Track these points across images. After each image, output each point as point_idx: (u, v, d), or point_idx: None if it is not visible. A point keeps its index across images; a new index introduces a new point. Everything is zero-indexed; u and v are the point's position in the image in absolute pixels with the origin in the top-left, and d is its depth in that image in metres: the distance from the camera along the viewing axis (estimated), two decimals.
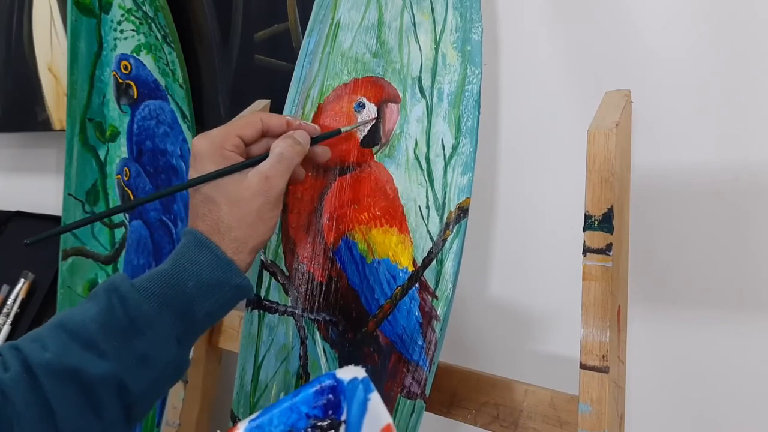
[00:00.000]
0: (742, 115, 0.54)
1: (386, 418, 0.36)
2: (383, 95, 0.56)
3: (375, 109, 0.56)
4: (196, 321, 0.46)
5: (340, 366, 0.55)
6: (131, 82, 0.82)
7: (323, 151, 0.55)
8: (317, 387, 0.37)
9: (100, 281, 0.88)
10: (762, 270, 0.54)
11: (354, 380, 0.37)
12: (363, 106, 0.57)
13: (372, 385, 0.37)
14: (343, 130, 0.56)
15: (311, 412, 0.37)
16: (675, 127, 0.56)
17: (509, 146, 0.65)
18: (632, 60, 0.58)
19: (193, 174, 0.49)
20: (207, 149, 0.48)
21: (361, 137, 0.57)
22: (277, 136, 0.52)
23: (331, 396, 0.37)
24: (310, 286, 0.58)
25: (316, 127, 0.54)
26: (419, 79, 0.54)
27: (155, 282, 0.45)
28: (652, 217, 0.58)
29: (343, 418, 0.37)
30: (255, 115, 0.52)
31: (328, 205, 0.57)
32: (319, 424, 0.37)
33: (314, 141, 0.53)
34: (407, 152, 0.54)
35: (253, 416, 0.37)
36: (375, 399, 0.36)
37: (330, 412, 0.37)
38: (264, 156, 0.50)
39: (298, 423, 0.37)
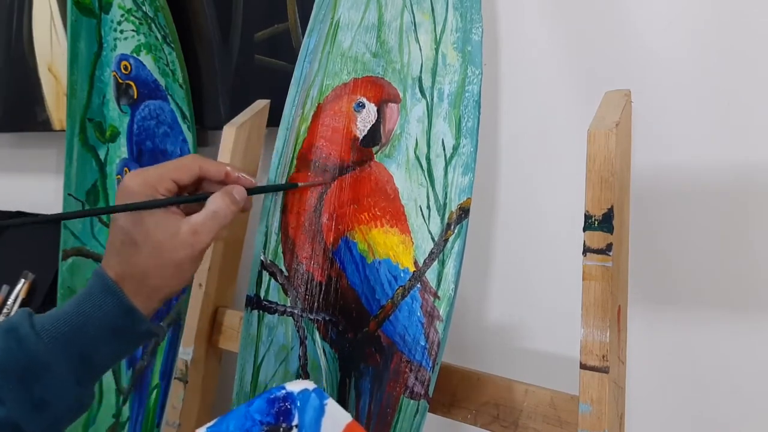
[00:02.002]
0: (743, 115, 0.54)
1: (347, 417, 0.40)
2: (383, 95, 0.56)
3: (375, 109, 0.56)
4: (98, 365, 0.46)
5: (341, 366, 0.56)
6: (131, 82, 0.82)
7: (248, 202, 0.54)
8: (269, 397, 0.42)
9: None
10: (762, 270, 0.54)
11: (304, 391, 0.42)
12: (363, 105, 0.57)
13: (325, 394, 0.41)
14: (299, 185, 0.57)
15: (264, 419, 0.41)
16: (675, 127, 0.56)
17: (509, 146, 0.65)
18: (632, 60, 0.58)
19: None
20: (139, 188, 0.47)
21: (361, 137, 0.57)
22: (213, 182, 0.51)
23: (281, 405, 0.41)
24: (309, 286, 0.58)
25: (253, 180, 0.53)
26: (419, 79, 0.54)
27: (56, 324, 0.44)
28: (652, 217, 0.58)
29: (294, 423, 0.41)
30: (193, 160, 0.50)
31: (327, 205, 0.57)
32: (270, 429, 0.41)
33: (251, 192, 0.53)
34: (407, 152, 0.54)
35: (211, 423, 0.41)
36: (331, 403, 0.41)
37: (281, 418, 0.41)
38: (197, 197, 0.49)
39: (252, 428, 0.41)
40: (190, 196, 0.50)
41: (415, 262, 0.52)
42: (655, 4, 0.56)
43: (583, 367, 0.44)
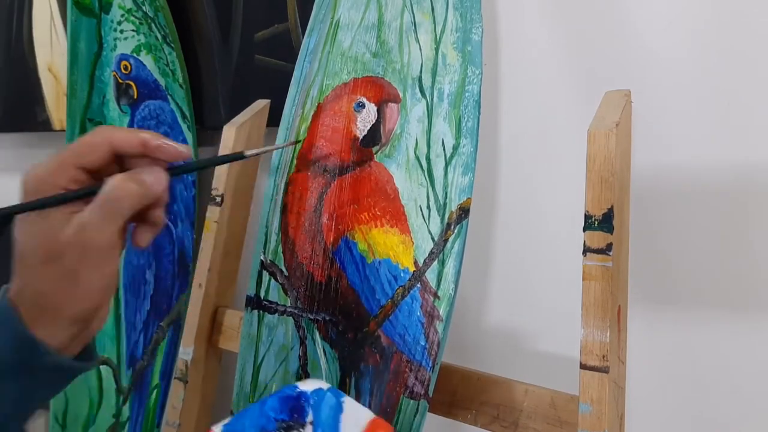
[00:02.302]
0: (743, 115, 0.54)
1: (368, 414, 0.41)
2: (383, 95, 0.56)
3: (375, 109, 0.56)
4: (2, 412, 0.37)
5: (341, 366, 0.56)
6: (131, 82, 0.82)
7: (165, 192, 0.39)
8: (281, 396, 0.43)
9: None
10: (762, 270, 0.54)
11: (318, 390, 0.43)
12: (363, 105, 0.57)
13: (341, 392, 0.43)
14: (246, 153, 0.44)
15: (278, 416, 0.43)
16: (675, 127, 0.56)
17: (509, 146, 0.65)
18: (632, 60, 0.58)
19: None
20: (34, 185, 0.37)
21: (361, 137, 0.57)
22: (137, 159, 0.39)
23: (295, 403, 0.43)
24: (309, 286, 0.58)
25: (182, 149, 0.39)
26: (419, 79, 0.54)
27: None
28: (652, 217, 0.58)
29: (309, 420, 0.42)
30: (101, 134, 0.38)
31: (327, 204, 0.57)
32: (285, 425, 0.43)
33: (174, 172, 0.40)
34: (407, 152, 0.54)
35: (226, 421, 0.42)
36: (349, 401, 0.42)
37: (295, 415, 0.43)
38: (94, 188, 0.37)
39: (267, 425, 0.43)
40: (77, 191, 0.37)
41: (415, 262, 0.52)
42: (655, 4, 0.56)
43: (583, 367, 0.44)
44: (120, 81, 0.83)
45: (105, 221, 0.36)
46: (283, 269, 0.59)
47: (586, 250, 0.45)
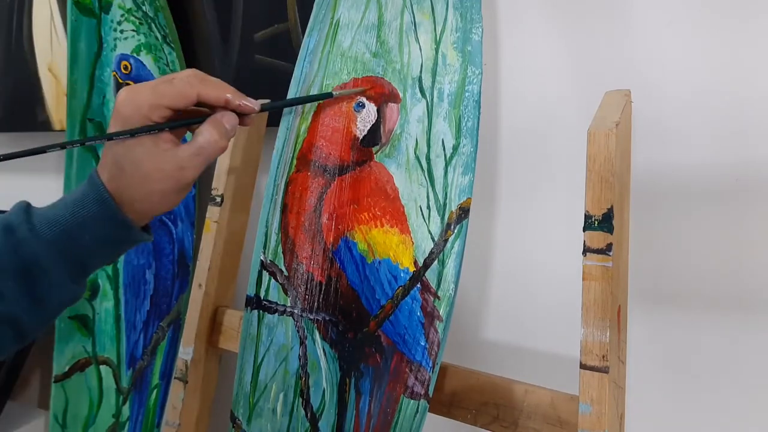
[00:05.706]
0: (742, 115, 0.54)
1: None
2: (383, 95, 0.56)
3: (375, 109, 0.56)
4: (91, 267, 0.48)
5: (341, 366, 0.55)
6: (131, 83, 0.82)
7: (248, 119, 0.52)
8: None
9: (99, 281, 0.88)
10: (761, 270, 0.54)
11: None
12: (363, 105, 0.57)
13: None
14: (334, 93, 0.55)
15: None
16: (675, 127, 0.56)
17: (509, 146, 0.65)
18: (632, 60, 0.58)
19: (112, 129, 0.47)
20: (131, 114, 0.46)
21: (361, 137, 0.57)
22: (212, 107, 0.49)
23: None
24: (309, 286, 0.58)
25: (256, 107, 0.51)
26: (419, 79, 0.54)
27: (53, 228, 0.45)
28: (652, 217, 0.58)
29: None
30: (191, 87, 0.47)
31: (327, 204, 0.57)
32: None
33: (264, 109, 0.52)
34: (407, 152, 0.54)
35: None
36: None
37: None
38: (187, 122, 0.48)
39: None
40: (180, 121, 0.48)
41: (415, 262, 0.52)
42: (655, 5, 0.56)
43: (583, 367, 0.44)
44: (120, 81, 0.83)
45: (199, 164, 0.48)
46: (283, 269, 0.59)
47: (586, 250, 0.45)
